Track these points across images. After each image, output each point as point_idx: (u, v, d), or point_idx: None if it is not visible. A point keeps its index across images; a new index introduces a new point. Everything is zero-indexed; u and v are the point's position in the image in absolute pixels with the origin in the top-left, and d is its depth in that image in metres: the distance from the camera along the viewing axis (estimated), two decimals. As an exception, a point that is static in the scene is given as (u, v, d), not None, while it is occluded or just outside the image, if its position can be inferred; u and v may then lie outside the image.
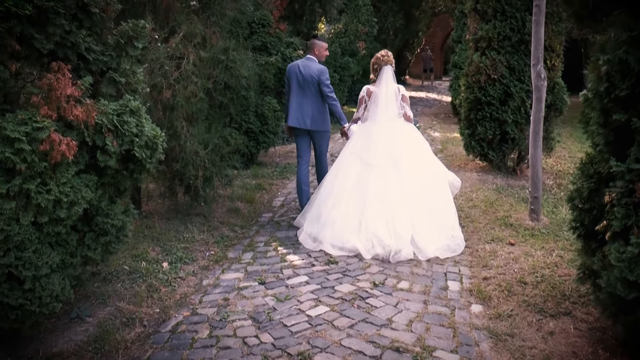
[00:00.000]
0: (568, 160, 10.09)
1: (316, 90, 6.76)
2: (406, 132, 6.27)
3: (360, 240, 5.74)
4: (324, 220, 6.00)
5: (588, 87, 3.42)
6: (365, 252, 5.64)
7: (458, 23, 14.33)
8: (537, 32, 6.11)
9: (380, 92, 6.27)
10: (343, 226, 5.88)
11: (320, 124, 6.84)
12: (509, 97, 8.24)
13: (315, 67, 6.77)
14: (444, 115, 17.25)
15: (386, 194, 5.90)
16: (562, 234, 6.07)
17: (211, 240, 6.12)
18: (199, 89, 6.00)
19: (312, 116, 6.78)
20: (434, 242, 5.74)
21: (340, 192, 6.10)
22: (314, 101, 6.78)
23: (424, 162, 6.24)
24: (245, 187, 8.16)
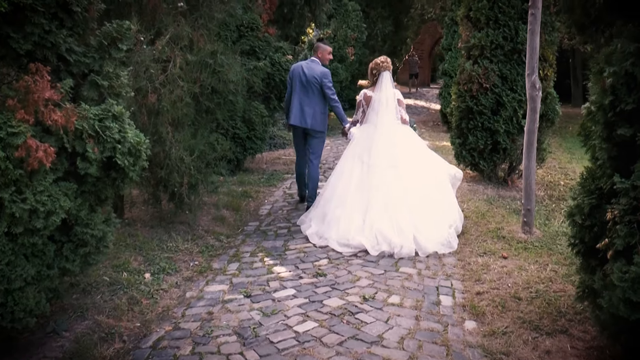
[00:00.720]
0: (558, 171, 10.02)
1: (318, 91, 7.09)
2: (404, 134, 6.56)
3: (365, 237, 5.95)
4: (329, 219, 6.27)
5: (591, 99, 3.28)
6: (371, 249, 5.87)
7: (448, 30, 14.25)
8: (532, 41, 6.00)
9: (379, 97, 6.54)
10: (347, 224, 6.10)
11: (318, 125, 7.16)
12: (501, 106, 8.13)
13: (318, 70, 7.11)
14: (433, 123, 17.17)
15: (388, 193, 6.15)
16: (555, 248, 5.95)
17: (195, 250, 5.93)
18: (185, 94, 5.82)
19: (312, 116, 7.10)
20: (433, 239, 5.98)
21: (343, 192, 6.36)
22: (315, 102, 7.11)
23: (422, 161, 6.53)
24: (232, 195, 7.98)
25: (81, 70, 3.75)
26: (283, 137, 12.85)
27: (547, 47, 7.97)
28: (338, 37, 14.68)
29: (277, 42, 9.78)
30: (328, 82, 7.10)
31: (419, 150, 6.62)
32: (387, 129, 6.47)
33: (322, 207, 6.50)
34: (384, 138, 6.42)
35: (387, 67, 6.58)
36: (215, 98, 6.46)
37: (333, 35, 14.61)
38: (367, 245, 5.89)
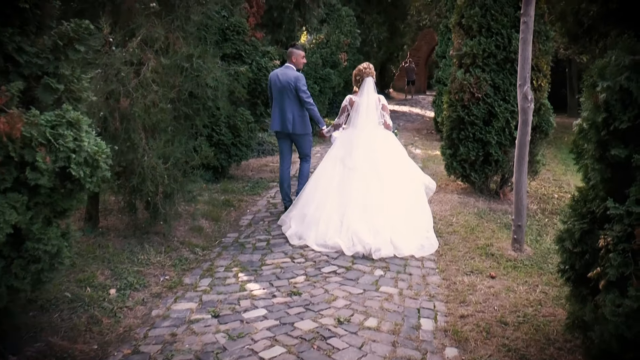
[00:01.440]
0: (552, 184, 9.74)
1: (294, 96, 7.21)
2: (385, 139, 6.71)
3: (342, 239, 6.08)
4: (309, 221, 6.38)
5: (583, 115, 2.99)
6: (346, 250, 5.99)
7: (442, 38, 13.98)
8: (524, 50, 5.72)
9: (362, 102, 6.71)
10: (326, 226, 6.23)
11: (300, 128, 7.29)
12: (493, 117, 7.85)
13: (292, 75, 7.23)
14: (427, 131, 16.89)
15: (366, 196, 6.29)
16: (546, 267, 5.66)
17: (168, 263, 5.63)
18: (160, 98, 5.53)
19: (293, 120, 7.22)
20: (410, 241, 6.10)
21: (323, 194, 6.50)
22: (293, 106, 7.23)
23: (401, 167, 6.68)
24: (213, 203, 7.68)
25: (34, 72, 3.46)
26: (272, 143, 12.55)
27: (541, 57, 7.71)
28: (331, 43, 14.38)
29: (264, 46, 9.48)
30: (302, 86, 7.20)
31: (398, 156, 6.76)
32: (368, 133, 6.63)
33: (302, 208, 6.63)
34: (364, 142, 6.57)
35: (370, 73, 6.77)
36: (193, 103, 6.17)
37: (326, 40, 14.32)
38: (342, 246, 6.01)
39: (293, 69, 7.33)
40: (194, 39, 5.93)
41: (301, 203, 6.71)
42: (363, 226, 6.10)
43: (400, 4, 23.78)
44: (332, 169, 6.64)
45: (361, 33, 18.66)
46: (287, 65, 7.39)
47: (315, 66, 13.54)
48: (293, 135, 7.35)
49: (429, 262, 5.83)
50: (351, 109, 6.77)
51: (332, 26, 14.98)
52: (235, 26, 8.75)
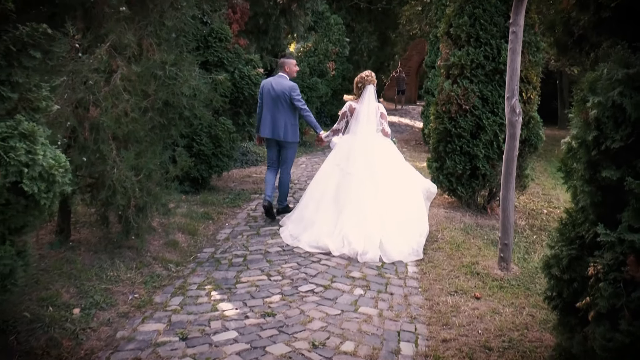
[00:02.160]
0: (542, 198, 9.53)
1: (288, 105, 7.44)
2: (383, 146, 6.91)
3: (332, 241, 6.27)
4: (305, 224, 6.62)
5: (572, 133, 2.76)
6: (334, 250, 6.18)
7: (432, 48, 13.81)
8: (513, 61, 5.50)
9: (362, 109, 6.92)
10: (320, 229, 6.43)
11: (291, 136, 7.53)
12: (481, 129, 7.64)
13: (286, 84, 7.46)
14: (415, 142, 16.68)
15: (362, 201, 6.46)
16: (533, 288, 5.44)
17: (139, 280, 5.36)
18: (131, 108, 5.27)
19: (284, 128, 7.45)
20: (400, 247, 6.24)
21: (320, 197, 6.73)
22: (286, 115, 7.45)
23: (399, 173, 6.85)
24: (191, 216, 7.40)
25: (-17, 79, 3.21)
26: (257, 153, 12.30)
27: (531, 68, 7.51)
28: (319, 51, 14.17)
29: (248, 54, 9.24)
30: (296, 95, 7.46)
31: (396, 162, 6.95)
32: (366, 140, 6.82)
33: (300, 211, 6.88)
34: (363, 148, 6.77)
35: (371, 81, 7.00)
36: (169, 113, 5.92)
37: (314, 49, 14.11)
38: (331, 247, 6.20)
39: (286, 78, 7.55)
40: (170, 45, 5.67)
41: (301, 206, 6.95)
42: (354, 230, 6.27)
43: (391, 13, 23.62)
44: (330, 173, 6.85)
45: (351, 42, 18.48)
46: (280, 75, 7.61)
47: (302, 75, 13.29)
48: (283, 142, 7.56)
49: (412, 280, 5.60)
50: (351, 116, 6.97)
51: (320, 34, 14.78)
52: (217, 33, 8.50)
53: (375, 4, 21.29)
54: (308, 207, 6.80)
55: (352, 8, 20.69)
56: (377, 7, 21.30)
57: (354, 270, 5.73)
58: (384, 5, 21.43)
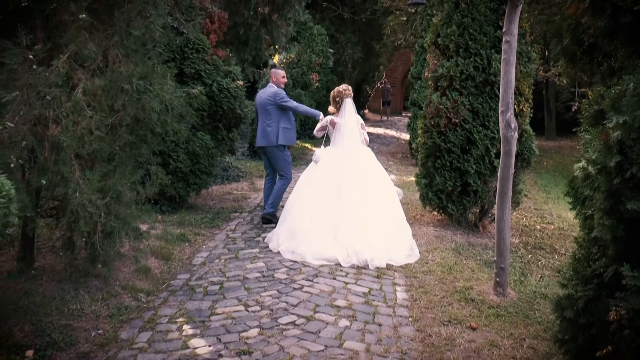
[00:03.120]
0: (534, 214, 9.17)
1: (276, 110, 7.67)
2: (367, 155, 7.10)
3: (338, 252, 6.34)
4: (301, 237, 6.56)
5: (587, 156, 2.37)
6: (342, 261, 6.26)
7: (418, 58, 13.46)
8: (507, 73, 5.13)
9: (346, 122, 7.08)
10: (321, 241, 6.47)
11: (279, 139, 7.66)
12: (472, 144, 7.27)
13: (269, 91, 7.75)
14: (402, 155, 16.32)
15: (357, 209, 6.58)
16: (533, 315, 5.05)
17: (104, 313, 4.90)
18: (96, 125, 4.83)
19: (275, 134, 7.66)
20: (401, 250, 6.55)
21: (314, 209, 6.70)
22: (277, 120, 7.67)
23: (382, 179, 7.07)
24: (166, 238, 6.94)
25: None
26: (239, 168, 11.87)
27: (523, 80, 7.16)
28: (302, 62, 13.80)
29: (227, 65, 8.83)
30: (280, 99, 7.67)
31: (380, 170, 7.14)
32: (352, 151, 6.99)
33: (291, 224, 6.79)
34: (352, 159, 6.92)
35: (349, 94, 7.21)
36: (139, 130, 5.48)
37: (297, 60, 13.73)
38: (339, 258, 6.27)
39: (274, 87, 7.82)
40: (139, 56, 5.24)
41: (290, 219, 6.87)
42: (357, 240, 6.39)
43: (375, 23, 23.32)
44: (321, 185, 6.84)
45: (335, 53, 18.16)
46: (269, 85, 7.91)
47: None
48: (267, 149, 7.76)
49: (402, 308, 5.18)
50: (333, 129, 7.12)
51: (303, 45, 14.41)
52: (194, 44, 8.09)
53: (359, 14, 21.03)
54: (300, 219, 6.73)
55: (335, 19, 20.38)
56: (362, 18, 21.04)
57: (339, 299, 5.30)
58: (368, 15, 21.17)
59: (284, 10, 9.78)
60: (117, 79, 4.87)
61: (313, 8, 18.95)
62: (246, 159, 13.67)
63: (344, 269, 6.10)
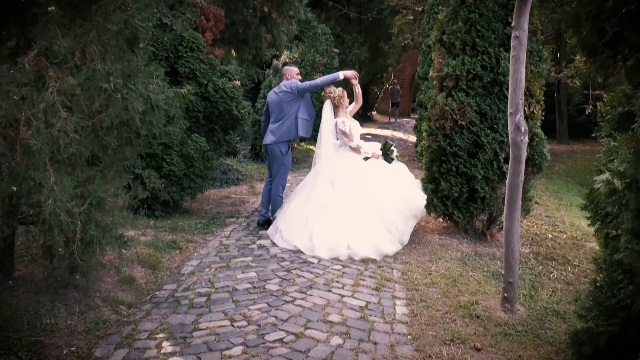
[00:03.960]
0: (545, 221, 8.75)
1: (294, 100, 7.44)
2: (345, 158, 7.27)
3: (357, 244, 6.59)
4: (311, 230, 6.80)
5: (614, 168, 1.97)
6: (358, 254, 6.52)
7: (424, 58, 13.05)
8: (516, 71, 4.73)
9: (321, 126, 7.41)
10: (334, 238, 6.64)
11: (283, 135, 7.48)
12: (479, 148, 6.86)
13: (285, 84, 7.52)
14: (409, 157, 15.89)
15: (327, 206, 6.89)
16: (544, 335, 4.64)
17: (80, 328, 4.55)
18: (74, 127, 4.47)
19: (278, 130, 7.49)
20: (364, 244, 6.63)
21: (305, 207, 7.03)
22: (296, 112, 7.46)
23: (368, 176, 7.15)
24: (156, 245, 6.58)
25: None
26: (239, 171, 11.51)
27: (534, 80, 6.76)
28: (305, 62, 13.44)
29: (224, 65, 8.46)
30: (297, 86, 7.38)
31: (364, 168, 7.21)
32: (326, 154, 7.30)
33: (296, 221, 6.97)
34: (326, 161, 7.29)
35: (326, 96, 7.45)
36: (124, 132, 5.13)
37: (300, 60, 13.36)
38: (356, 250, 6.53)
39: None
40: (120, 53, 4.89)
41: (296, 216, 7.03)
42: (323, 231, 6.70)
43: (382, 23, 22.92)
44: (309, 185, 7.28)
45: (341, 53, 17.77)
46: (283, 83, 7.64)
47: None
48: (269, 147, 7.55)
49: (401, 325, 4.79)
50: None
51: (307, 45, 14.05)
52: (188, 42, 7.73)
53: (365, 14, 20.60)
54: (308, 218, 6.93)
55: (341, 18, 20.00)
56: (368, 17, 20.62)
57: (333, 313, 4.92)
58: (375, 15, 20.76)
59: (283, 7, 9.40)
60: (95, 78, 4.52)
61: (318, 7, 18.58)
62: (248, 161, 13.32)
63: (340, 281, 5.73)
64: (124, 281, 5.51)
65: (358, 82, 7.71)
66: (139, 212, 7.82)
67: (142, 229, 7.17)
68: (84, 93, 4.62)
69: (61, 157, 4.58)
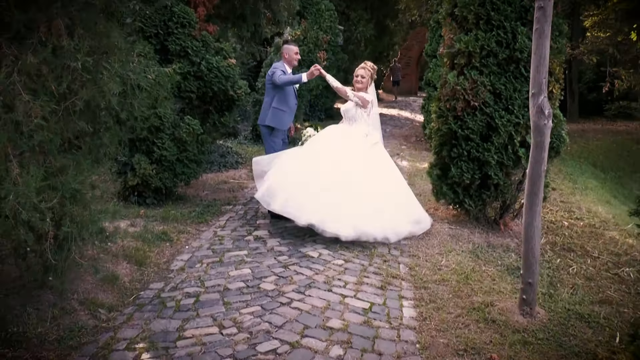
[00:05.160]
0: (560, 207, 8.21)
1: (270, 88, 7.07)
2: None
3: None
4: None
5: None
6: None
7: (433, 35, 12.44)
8: (539, 46, 4.17)
9: None
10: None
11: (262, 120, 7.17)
12: (493, 131, 6.32)
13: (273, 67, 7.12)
14: (415, 138, 15.33)
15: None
16: (567, 342, 4.16)
17: (52, 337, 4.09)
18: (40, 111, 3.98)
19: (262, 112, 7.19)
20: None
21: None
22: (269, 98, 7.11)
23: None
24: (144, 237, 6.11)
25: None
26: (239, 154, 11.00)
27: (553, 57, 6.17)
28: (308, 40, 12.86)
29: (218, 42, 7.91)
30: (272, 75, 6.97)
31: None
32: None
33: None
34: None
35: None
36: (99, 116, 4.64)
37: (302, 37, 12.79)
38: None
39: (283, 65, 7.14)
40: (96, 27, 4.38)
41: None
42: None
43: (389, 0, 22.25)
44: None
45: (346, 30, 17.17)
46: (280, 62, 7.25)
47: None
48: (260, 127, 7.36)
49: (408, 331, 4.31)
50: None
51: (310, 21, 13.46)
52: (179, 17, 7.18)
53: (371, -10, 19.95)
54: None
55: (347, -5, 19.34)
56: (374, -6, 19.96)
57: (333, 318, 4.44)
58: (381, -9, 20.08)
59: (280, -20, 8.85)
60: (62, 56, 4.02)
61: (321, -18, 17.99)
62: (249, 143, 12.81)
63: (342, 278, 5.24)
64: (106, 280, 5.04)
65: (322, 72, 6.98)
66: (129, 200, 7.37)
67: (132, 219, 6.70)
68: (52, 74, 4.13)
69: (27, 146, 4.10)
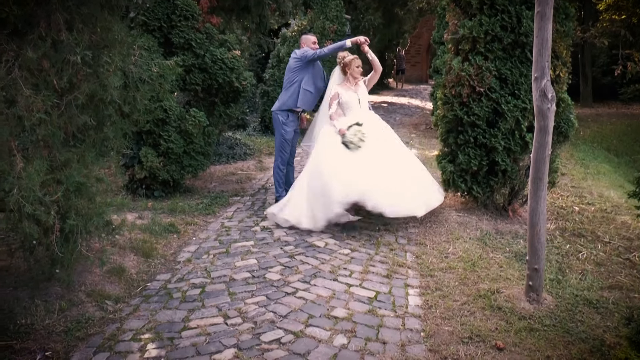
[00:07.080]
0: (571, 192, 8.13)
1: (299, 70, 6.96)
2: None
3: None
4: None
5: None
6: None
7: (440, 21, 12.34)
8: (541, 29, 4.12)
9: None
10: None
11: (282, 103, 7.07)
12: (500, 116, 6.26)
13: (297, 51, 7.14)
14: (425, 126, 15.25)
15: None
16: (575, 329, 4.12)
17: (59, 329, 4.12)
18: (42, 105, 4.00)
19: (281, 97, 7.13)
20: None
21: None
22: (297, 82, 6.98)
23: None
24: (151, 229, 6.13)
25: None
26: (247, 145, 11.00)
27: (559, 40, 6.12)
28: (314, 30, 12.80)
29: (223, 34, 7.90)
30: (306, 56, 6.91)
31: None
32: None
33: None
34: None
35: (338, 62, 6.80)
36: (102, 110, 4.65)
37: (309, 27, 12.73)
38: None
39: None
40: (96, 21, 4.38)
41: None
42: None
43: (397, -13, 22.14)
44: None
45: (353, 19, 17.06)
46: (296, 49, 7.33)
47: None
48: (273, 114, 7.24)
49: (413, 319, 4.30)
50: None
51: (316, 11, 13.39)
52: (182, 10, 7.18)
53: (378, -24, 19.79)
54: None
55: (354, -17, 19.22)
56: (381, -19, 19.81)
57: (338, 307, 4.43)
58: (389, -23, 19.93)
59: (282, -30, 8.81)
60: (62, 50, 4.03)
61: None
62: (258, 135, 12.80)
63: (348, 267, 5.24)
64: (113, 272, 5.08)
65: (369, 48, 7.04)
66: (137, 193, 7.41)
67: (139, 211, 6.73)
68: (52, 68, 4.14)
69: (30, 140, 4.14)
